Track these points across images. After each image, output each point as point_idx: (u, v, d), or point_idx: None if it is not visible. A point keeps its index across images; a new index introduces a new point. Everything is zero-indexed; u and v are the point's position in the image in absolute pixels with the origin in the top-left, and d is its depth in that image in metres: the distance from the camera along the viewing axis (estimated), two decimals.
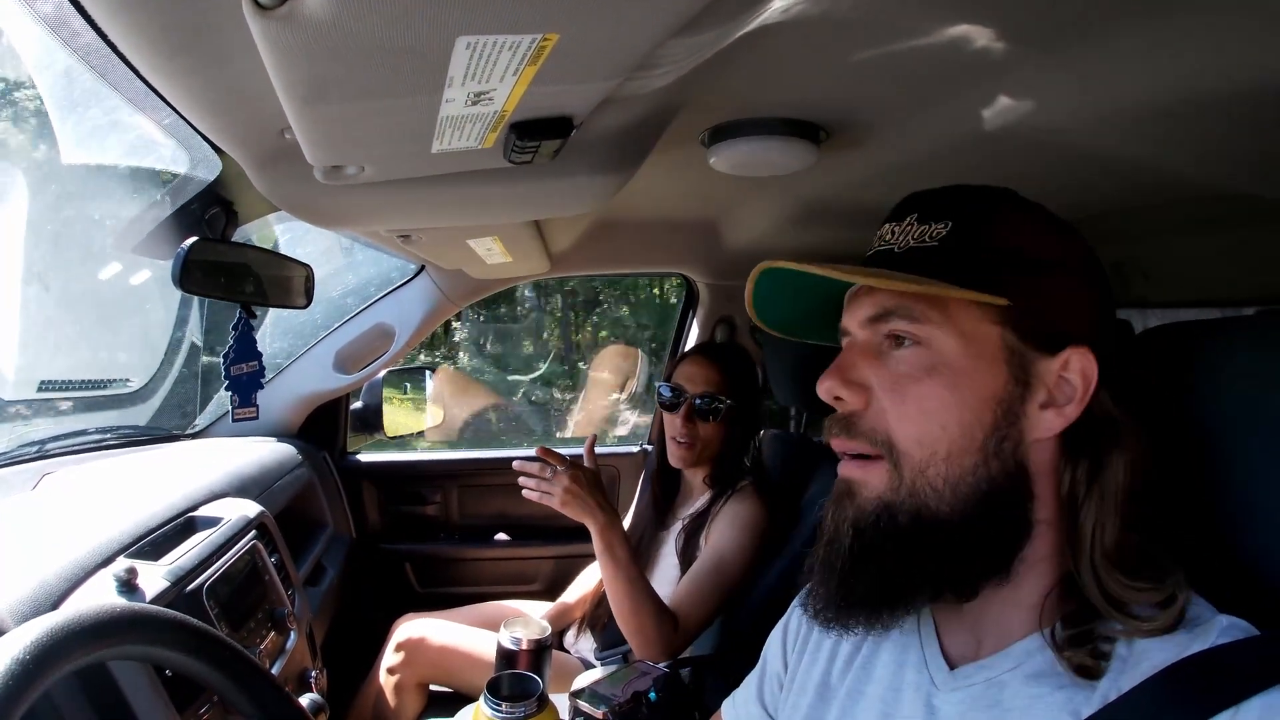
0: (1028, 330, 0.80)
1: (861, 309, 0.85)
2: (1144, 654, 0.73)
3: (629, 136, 1.15)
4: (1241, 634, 0.71)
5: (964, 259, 0.81)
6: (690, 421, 2.12)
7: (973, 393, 0.79)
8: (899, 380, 0.81)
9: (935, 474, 0.79)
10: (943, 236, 0.82)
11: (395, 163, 1.08)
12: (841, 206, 1.84)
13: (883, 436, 0.81)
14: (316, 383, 2.71)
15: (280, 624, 1.59)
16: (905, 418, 0.80)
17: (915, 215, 0.86)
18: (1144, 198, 1.49)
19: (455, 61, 0.68)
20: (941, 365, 0.80)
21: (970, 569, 0.81)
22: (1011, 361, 0.80)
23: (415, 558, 3.01)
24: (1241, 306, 1.89)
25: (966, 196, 0.85)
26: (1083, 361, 0.79)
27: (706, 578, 1.92)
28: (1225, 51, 0.88)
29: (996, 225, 0.82)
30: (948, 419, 0.79)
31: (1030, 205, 0.86)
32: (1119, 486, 0.78)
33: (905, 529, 0.80)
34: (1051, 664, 0.78)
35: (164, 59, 0.84)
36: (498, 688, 1.26)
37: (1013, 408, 0.80)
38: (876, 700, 0.91)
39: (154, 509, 1.50)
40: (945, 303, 0.80)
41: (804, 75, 1.10)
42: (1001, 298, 0.78)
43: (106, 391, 2.43)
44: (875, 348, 0.84)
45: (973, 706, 0.82)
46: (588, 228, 2.29)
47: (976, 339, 0.80)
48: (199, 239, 1.65)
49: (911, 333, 0.81)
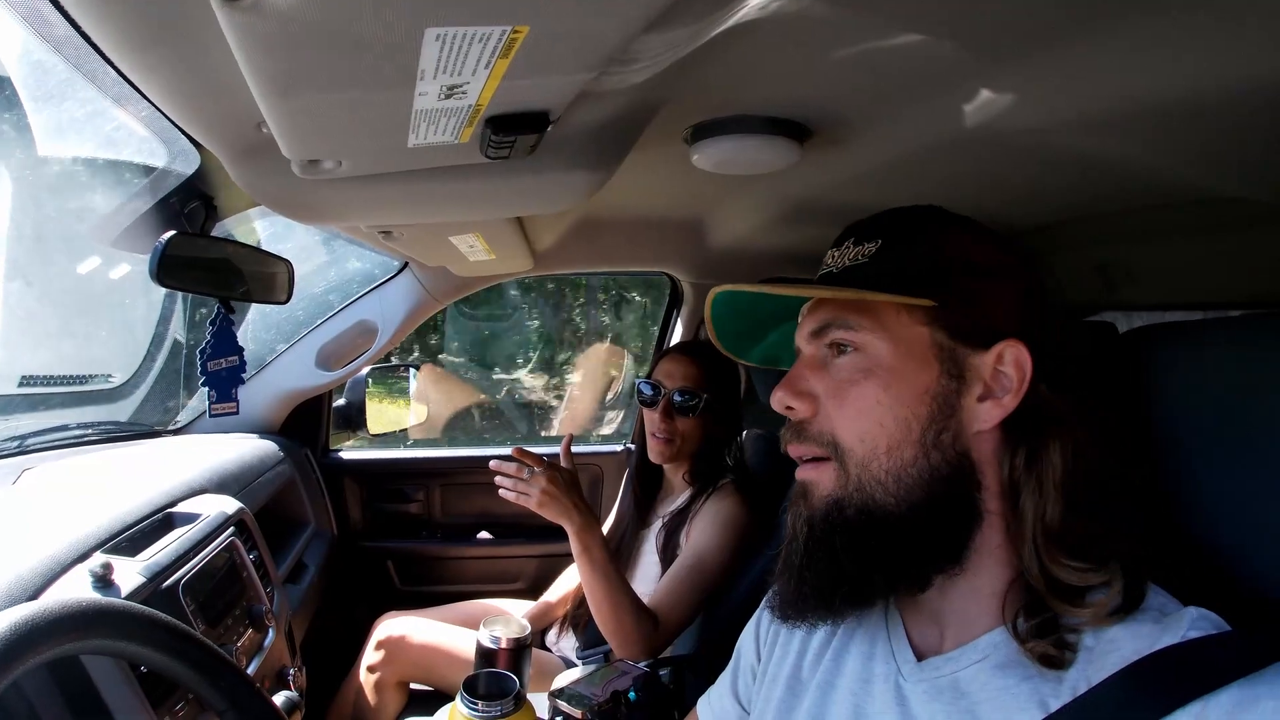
0: (956, 328, 0.86)
1: (807, 324, 0.94)
2: (1112, 645, 0.75)
3: (609, 133, 1.15)
4: (1212, 627, 0.73)
5: (891, 270, 0.89)
6: (669, 417, 2.14)
7: (907, 390, 0.85)
8: (840, 385, 0.88)
9: (878, 468, 0.85)
10: (873, 253, 0.90)
11: (372, 157, 1.07)
12: (825, 206, 1.84)
13: (829, 438, 0.88)
14: (298, 379, 2.69)
15: (258, 621, 1.58)
16: (847, 418, 0.87)
17: (851, 239, 0.94)
18: (1128, 200, 1.50)
19: (426, 54, 0.67)
20: (875, 367, 0.86)
21: (919, 558, 0.85)
22: (942, 357, 0.86)
23: (397, 555, 3.00)
24: (1226, 309, 1.89)
25: (895, 217, 0.94)
26: (1016, 354, 0.85)
27: (686, 576, 1.92)
28: (1210, 54, 0.88)
29: (920, 238, 0.90)
30: (884, 416, 0.85)
31: (957, 218, 0.94)
32: (1056, 470, 0.82)
33: (853, 521, 0.85)
34: (1018, 655, 0.79)
35: (137, 51, 0.83)
36: (474, 686, 1.25)
37: (949, 401, 0.85)
38: (847, 692, 0.93)
39: (132, 505, 1.49)
40: (876, 310, 0.87)
41: (787, 73, 1.09)
42: (923, 299, 0.85)
43: (88, 387, 2.42)
44: (820, 359, 0.92)
45: (939, 697, 0.83)
46: (571, 226, 2.28)
47: (907, 340, 0.87)
48: (177, 233, 1.64)
49: (849, 340, 0.88)
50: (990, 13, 0.88)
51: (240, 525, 1.71)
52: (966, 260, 0.88)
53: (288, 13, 0.58)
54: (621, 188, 1.57)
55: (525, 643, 1.77)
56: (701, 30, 0.83)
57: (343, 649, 2.51)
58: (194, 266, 1.73)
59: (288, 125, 0.89)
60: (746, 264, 2.68)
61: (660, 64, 0.89)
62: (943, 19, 0.91)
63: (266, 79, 0.73)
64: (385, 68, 0.71)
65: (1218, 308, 1.89)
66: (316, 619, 2.33)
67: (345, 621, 2.75)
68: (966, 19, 0.90)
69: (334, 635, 2.59)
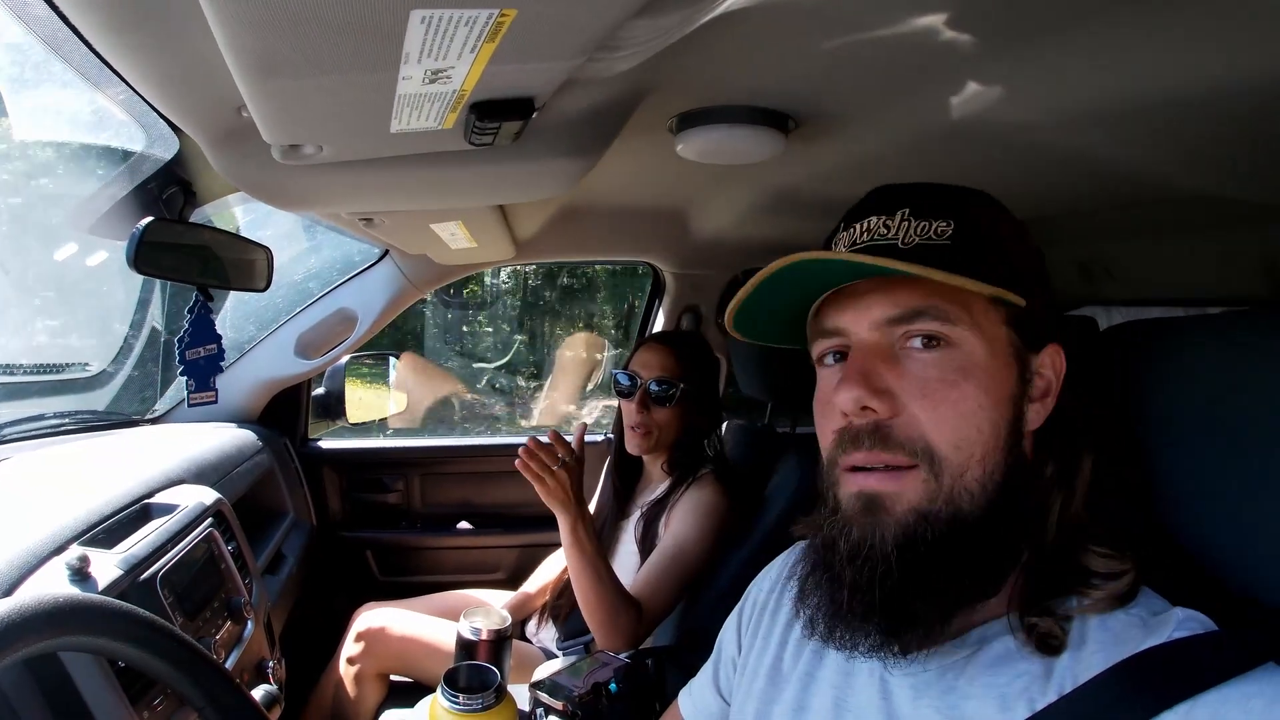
0: (1023, 329, 0.82)
1: (875, 308, 0.81)
2: (1100, 645, 0.74)
3: (594, 121, 1.14)
4: (1199, 627, 0.72)
5: (979, 258, 0.80)
6: (645, 408, 2.13)
7: (999, 393, 0.80)
8: (931, 384, 0.79)
9: (971, 477, 0.78)
10: (950, 235, 0.81)
11: (354, 143, 1.06)
12: (809, 197, 1.83)
13: (921, 444, 0.78)
14: (277, 368, 2.67)
15: (237, 613, 1.56)
16: (943, 422, 0.78)
17: (907, 210, 0.83)
18: (1110, 197, 1.50)
19: (410, 36, 0.66)
20: (973, 367, 0.79)
21: (1001, 566, 0.80)
22: (1018, 360, 0.82)
23: (377, 546, 2.99)
24: (1206, 306, 1.91)
25: (959, 195, 0.85)
26: (1055, 357, 0.83)
27: (666, 565, 1.93)
28: (1196, 54, 0.88)
29: (992, 227, 0.83)
30: (982, 420, 0.78)
31: (1002, 206, 0.87)
32: (1085, 468, 0.81)
33: (946, 538, 0.77)
34: (1008, 650, 0.78)
35: (116, 32, 0.82)
36: (455, 679, 1.24)
37: (1020, 403, 0.81)
38: (829, 685, 0.91)
39: (109, 495, 1.47)
40: (968, 303, 0.79)
41: (774, 63, 1.09)
42: (1020, 298, 0.80)
43: (64, 376, 2.40)
44: (889, 350, 0.81)
45: (926, 691, 0.82)
46: (553, 214, 2.27)
47: (994, 339, 0.80)
48: (155, 219, 1.62)
49: (944, 333, 0.79)
50: (976, 7, 0.88)
51: (218, 516, 1.70)
52: (1024, 257, 0.85)
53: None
54: (605, 176, 1.57)
55: (506, 634, 1.77)
56: (690, 17, 0.82)
57: (322, 641, 2.50)
58: (172, 253, 1.71)
59: (268, 109, 0.87)
60: (730, 254, 2.68)
61: (648, 51, 0.88)
62: (928, 13, 0.90)
63: (247, 61, 0.71)
64: (369, 50, 0.70)
65: (1197, 304, 1.90)
66: (295, 610, 2.31)
67: (324, 613, 2.74)
68: (952, 13, 0.90)
69: (313, 627, 2.58)
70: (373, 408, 3.01)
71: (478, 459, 3.12)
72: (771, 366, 2.21)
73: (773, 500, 2.05)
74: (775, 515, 1.97)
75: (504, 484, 3.06)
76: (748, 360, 2.31)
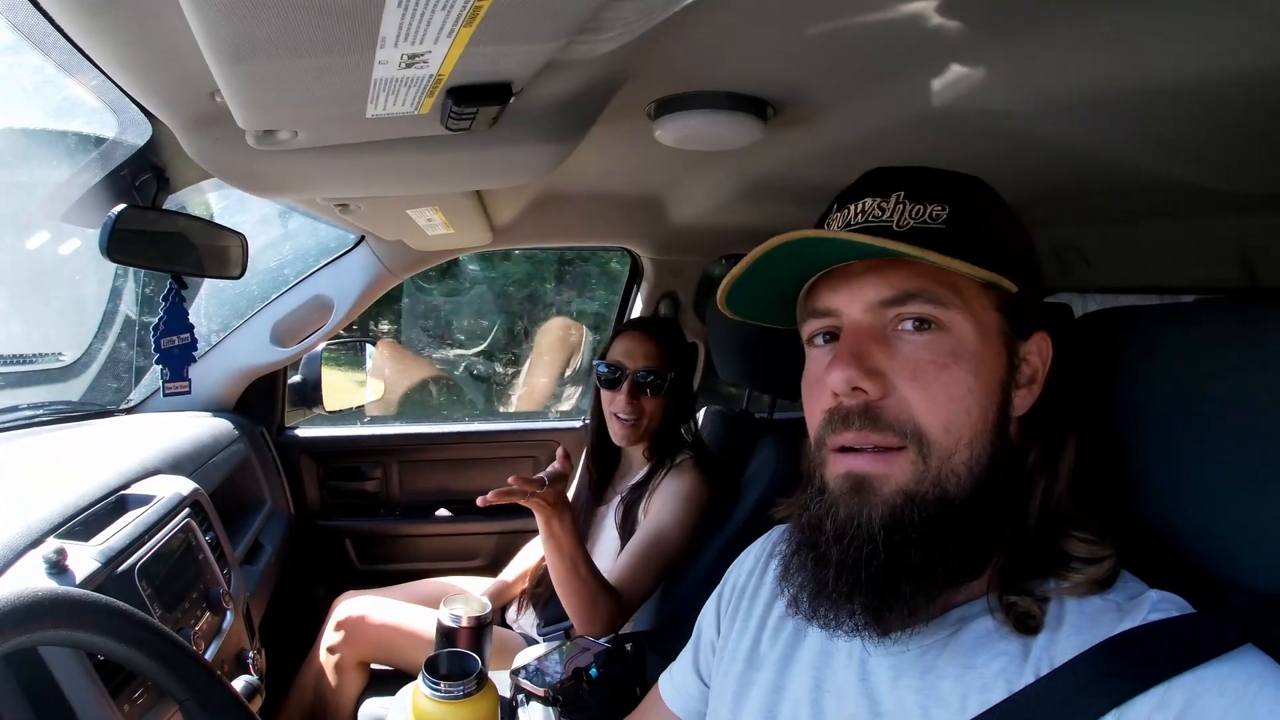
0: (1014, 315, 0.82)
1: (868, 290, 0.81)
2: (1075, 627, 0.75)
3: (571, 106, 1.13)
4: (1175, 609, 0.73)
5: (973, 243, 0.80)
6: (634, 398, 2.12)
7: (989, 377, 0.80)
8: (921, 367, 0.79)
9: (959, 460, 0.79)
10: (944, 219, 0.81)
11: (329, 128, 1.05)
12: (788, 184, 1.84)
13: (910, 426, 0.79)
14: (253, 356, 2.64)
15: (216, 604, 1.56)
16: (933, 404, 0.78)
17: (902, 193, 0.83)
18: (1087, 185, 1.51)
19: (387, 20, 0.65)
20: (964, 350, 0.79)
21: (985, 547, 0.80)
22: (1008, 345, 0.82)
23: (355, 534, 2.98)
24: (1180, 294, 1.93)
25: (954, 179, 0.85)
26: (1043, 344, 0.84)
27: (646, 550, 1.93)
28: (1173, 43, 0.89)
29: (987, 212, 0.84)
30: (972, 404, 0.79)
31: (997, 194, 0.88)
32: (1070, 454, 0.81)
33: (933, 520, 0.78)
34: (987, 631, 0.79)
35: (87, 15, 0.80)
36: (436, 666, 1.24)
37: (1008, 389, 0.82)
38: (808, 666, 0.92)
39: (85, 487, 1.46)
40: (961, 287, 0.80)
41: (752, 50, 1.09)
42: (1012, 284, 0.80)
43: (37, 366, 2.37)
44: (882, 332, 0.81)
45: (906, 672, 0.82)
46: (531, 200, 2.26)
47: (986, 324, 0.81)
48: (128, 206, 1.60)
49: (936, 317, 0.79)
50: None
51: (195, 506, 1.68)
52: (1017, 244, 0.85)
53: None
54: (583, 162, 1.56)
55: (486, 621, 1.76)
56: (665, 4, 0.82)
57: (302, 630, 2.49)
58: (145, 241, 1.69)
59: (242, 94, 0.86)
60: (708, 239, 2.68)
61: (625, 36, 0.88)
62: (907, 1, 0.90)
63: (221, 44, 0.70)
64: (344, 34, 0.69)
65: (1171, 292, 1.92)
66: (274, 600, 2.30)
67: (304, 602, 2.73)
68: (930, 3, 0.90)
69: (292, 616, 2.57)
70: (350, 395, 2.99)
71: (456, 446, 3.11)
72: (749, 352, 2.22)
73: (751, 485, 2.06)
74: (754, 500, 1.98)
75: (482, 470, 3.06)
76: (726, 346, 2.32)
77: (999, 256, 0.80)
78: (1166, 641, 0.69)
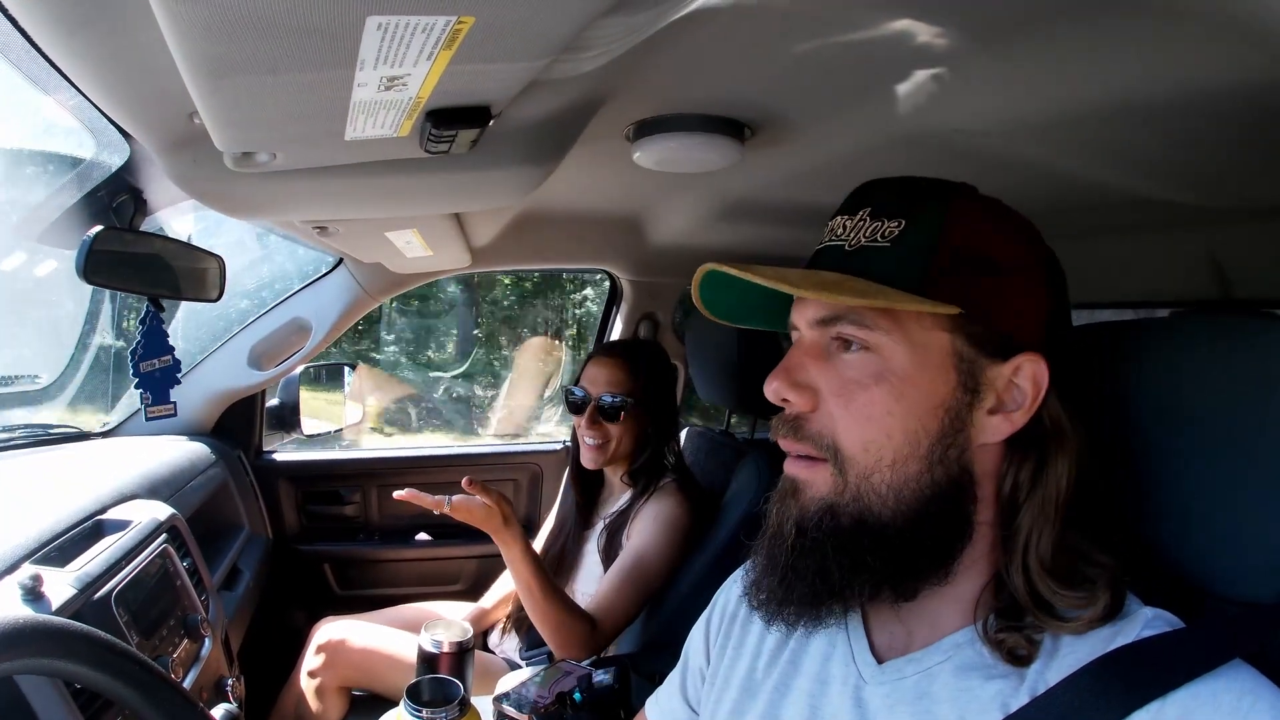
0: (979, 336, 0.79)
1: (810, 309, 0.83)
2: (1071, 647, 0.75)
3: (550, 129, 1.14)
4: (1166, 625, 0.73)
5: (916, 262, 0.79)
6: (596, 423, 2.14)
7: (920, 401, 0.78)
8: (846, 385, 0.80)
9: (880, 480, 0.78)
10: (895, 236, 0.80)
11: (308, 150, 1.04)
12: (766, 204, 1.85)
13: (829, 441, 0.80)
14: (230, 379, 2.62)
15: (194, 631, 1.54)
16: (852, 424, 0.79)
17: (868, 209, 0.83)
18: (1061, 202, 1.53)
19: (366, 43, 0.65)
20: (888, 373, 0.78)
21: (911, 571, 0.80)
22: (961, 368, 0.79)
23: (334, 559, 2.95)
24: (1155, 308, 1.94)
25: (921, 192, 0.83)
26: (1034, 368, 0.79)
27: (626, 576, 1.94)
28: (1145, 62, 0.91)
29: (950, 225, 0.80)
30: (894, 427, 0.78)
31: (989, 202, 0.84)
32: (1060, 492, 0.78)
33: (847, 530, 0.79)
34: (981, 657, 0.79)
35: (64, 34, 0.80)
36: (418, 693, 1.23)
37: (960, 414, 0.79)
38: (803, 694, 0.91)
39: (61, 512, 1.44)
40: (894, 309, 0.78)
41: (729, 72, 1.10)
42: (953, 306, 0.76)
43: (13, 389, 2.35)
44: (823, 349, 0.83)
45: (901, 699, 0.82)
46: (510, 222, 2.27)
47: (926, 346, 0.79)
48: (105, 227, 1.60)
49: (860, 338, 0.79)
50: (926, 22, 0.90)
51: (173, 531, 1.66)
52: (997, 257, 0.80)
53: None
54: (562, 184, 1.57)
55: (468, 646, 1.75)
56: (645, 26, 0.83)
57: (281, 656, 2.46)
58: (122, 263, 1.68)
59: (221, 115, 0.86)
60: (687, 260, 2.68)
61: (604, 58, 0.88)
62: (880, 26, 0.92)
63: (199, 66, 0.70)
64: (323, 56, 0.69)
65: (1146, 306, 1.94)
66: (253, 626, 2.28)
67: (283, 628, 2.70)
68: (903, 28, 0.91)
69: (272, 643, 2.54)
70: (328, 418, 2.97)
71: (435, 469, 3.09)
72: (729, 372, 2.22)
73: (733, 506, 2.06)
74: (736, 521, 1.98)
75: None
76: (706, 367, 2.32)
77: (948, 274, 0.78)
78: (1159, 658, 0.69)
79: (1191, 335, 0.82)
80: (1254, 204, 1.40)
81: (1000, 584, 0.80)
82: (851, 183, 0.89)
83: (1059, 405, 0.80)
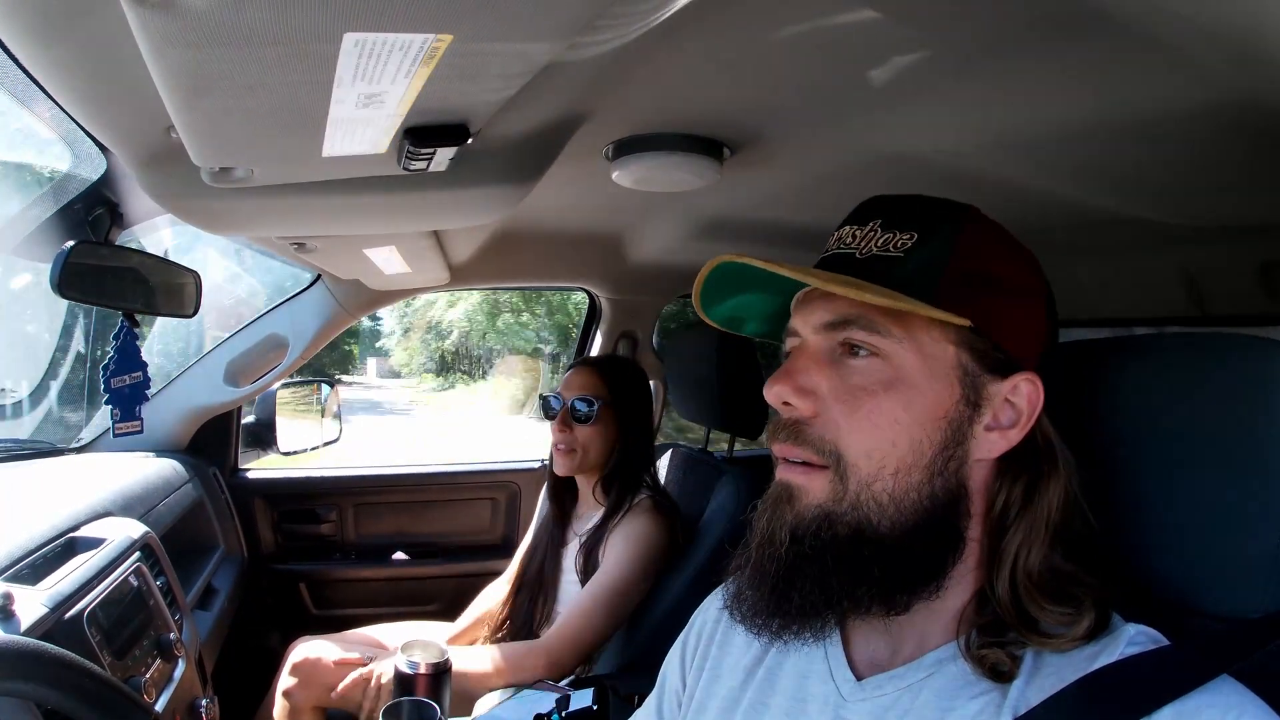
0: (982, 352, 0.80)
1: (817, 313, 0.83)
2: (1052, 665, 0.74)
3: (529, 147, 1.14)
4: (1150, 642, 0.73)
5: (929, 274, 0.80)
6: (567, 426, 2.15)
7: (926, 411, 0.79)
8: (853, 392, 0.80)
9: (881, 489, 0.78)
10: (908, 248, 0.81)
11: (285, 166, 1.04)
12: (744, 223, 1.86)
13: (831, 447, 0.80)
14: (206, 396, 2.60)
15: (167, 651, 1.51)
16: (857, 430, 0.79)
17: (879, 221, 0.84)
18: (1038, 221, 1.54)
19: (344, 60, 0.65)
20: (898, 381, 0.79)
21: (907, 584, 0.80)
22: (965, 382, 0.80)
23: (310, 578, 2.92)
24: (1131, 327, 1.96)
25: (934, 208, 0.84)
26: (1030, 388, 0.80)
27: (600, 597, 1.94)
28: (1123, 85, 0.92)
29: (963, 242, 0.81)
30: (899, 435, 0.78)
31: (997, 225, 0.85)
32: (1051, 512, 0.79)
33: (844, 540, 0.79)
34: (964, 673, 0.78)
35: (41, 47, 0.80)
36: (395, 714, 1.22)
37: (961, 427, 0.80)
38: (781, 713, 0.90)
39: (33, 529, 1.42)
40: (906, 317, 0.79)
41: (707, 92, 1.10)
42: (965, 319, 0.78)
43: None
44: (828, 354, 0.83)
45: (882, 717, 0.81)
46: (489, 239, 2.27)
47: (934, 356, 0.79)
48: (80, 241, 1.59)
49: (870, 344, 0.80)
50: (911, 41, 0.90)
51: (146, 550, 1.64)
52: (1002, 277, 0.82)
53: (200, 12, 0.56)
54: (541, 202, 1.57)
55: (445, 667, 1.74)
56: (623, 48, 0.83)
57: (256, 677, 2.43)
58: (98, 277, 1.67)
59: (198, 130, 0.86)
60: (666, 279, 2.69)
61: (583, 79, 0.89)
62: (857, 49, 0.92)
63: (176, 81, 0.70)
64: (301, 73, 0.69)
65: (1123, 324, 1.96)
66: (228, 647, 2.25)
67: (258, 649, 2.67)
68: (881, 50, 0.92)
69: (247, 663, 2.51)
70: (305, 436, 2.95)
71: (412, 489, 3.08)
72: (707, 390, 2.22)
73: (712, 524, 2.06)
74: (713, 540, 1.98)
75: (440, 513, 3.04)
76: (683, 385, 2.32)
77: (955, 287, 0.79)
78: (1143, 676, 0.69)
79: (1168, 353, 0.83)
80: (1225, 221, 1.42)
81: (983, 600, 0.80)
82: (829, 202, 0.90)
83: (1050, 427, 0.81)
